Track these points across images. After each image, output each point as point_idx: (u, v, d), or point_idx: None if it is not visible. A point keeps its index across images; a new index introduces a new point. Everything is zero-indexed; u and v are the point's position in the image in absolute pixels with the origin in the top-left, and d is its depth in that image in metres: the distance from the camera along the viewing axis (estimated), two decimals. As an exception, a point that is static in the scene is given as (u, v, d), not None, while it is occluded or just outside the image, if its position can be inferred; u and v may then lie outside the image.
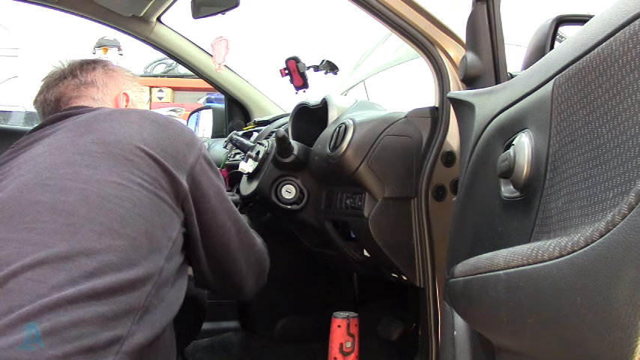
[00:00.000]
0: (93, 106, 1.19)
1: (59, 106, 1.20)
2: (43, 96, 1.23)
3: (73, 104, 1.19)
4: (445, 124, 1.38)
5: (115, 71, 1.29)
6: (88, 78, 1.23)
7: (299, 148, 1.66)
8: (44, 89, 1.24)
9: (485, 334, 0.90)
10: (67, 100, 1.20)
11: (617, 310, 0.51)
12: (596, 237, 0.54)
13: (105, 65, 1.28)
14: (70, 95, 1.20)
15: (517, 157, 0.78)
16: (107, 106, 1.22)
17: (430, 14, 1.35)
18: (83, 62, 1.26)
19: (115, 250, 0.85)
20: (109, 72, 1.28)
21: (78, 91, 1.21)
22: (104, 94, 1.24)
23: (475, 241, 0.96)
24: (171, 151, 1.01)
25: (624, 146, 0.56)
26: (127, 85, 1.30)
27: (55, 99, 1.20)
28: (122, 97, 1.27)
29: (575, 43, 0.68)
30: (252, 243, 1.25)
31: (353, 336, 1.56)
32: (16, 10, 5.60)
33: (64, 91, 1.21)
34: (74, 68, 1.24)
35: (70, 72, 1.23)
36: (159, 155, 0.98)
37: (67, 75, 1.23)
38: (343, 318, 1.56)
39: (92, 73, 1.24)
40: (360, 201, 1.44)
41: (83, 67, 1.24)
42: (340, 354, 1.56)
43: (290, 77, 1.93)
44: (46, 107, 1.22)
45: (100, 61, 1.29)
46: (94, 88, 1.22)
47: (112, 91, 1.25)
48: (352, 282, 2.19)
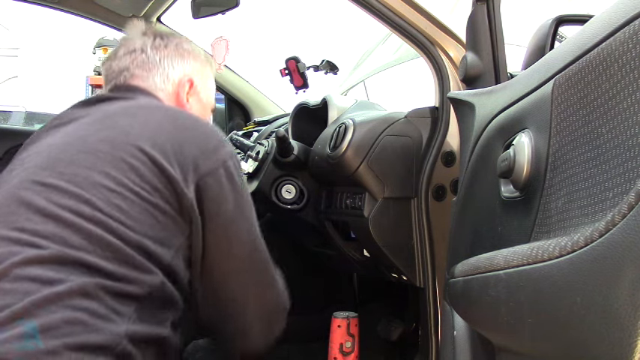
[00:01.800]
0: (150, 90, 1.12)
1: (121, 77, 1.13)
2: (110, 63, 1.16)
3: (131, 82, 1.13)
4: (445, 124, 1.38)
5: (188, 51, 1.19)
6: (156, 56, 1.14)
7: (299, 148, 1.66)
8: (112, 56, 1.17)
9: (485, 334, 0.90)
10: (129, 75, 1.13)
11: (617, 310, 0.51)
12: (596, 237, 0.54)
13: (178, 43, 1.18)
14: (132, 72, 1.13)
15: (517, 157, 0.78)
16: (167, 90, 1.14)
17: (430, 14, 1.35)
18: (157, 35, 1.17)
19: (104, 260, 0.82)
20: (181, 51, 1.18)
21: (141, 69, 1.13)
22: (167, 78, 1.15)
23: (475, 241, 0.96)
24: (183, 156, 0.94)
25: (624, 146, 0.56)
26: (196, 70, 1.19)
27: (119, 70, 1.14)
28: (185, 84, 1.16)
29: (575, 43, 0.68)
30: (270, 284, 1.11)
31: (353, 336, 1.56)
32: (16, 10, 5.61)
33: (129, 65, 1.13)
34: (145, 42, 1.15)
35: (141, 46, 1.15)
36: (164, 160, 0.91)
37: (136, 48, 1.15)
38: (343, 318, 1.56)
39: (162, 51, 1.15)
40: (360, 201, 1.44)
41: (155, 43, 1.16)
42: (340, 354, 1.56)
43: (290, 77, 1.93)
44: (110, 75, 1.15)
45: (174, 37, 1.19)
46: (159, 69, 1.14)
47: (176, 74, 1.16)
48: (352, 282, 2.19)
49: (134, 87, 1.11)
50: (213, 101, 1.25)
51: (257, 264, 1.06)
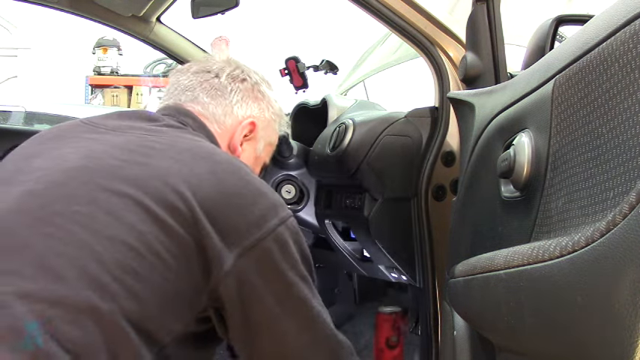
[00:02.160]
0: (205, 120, 0.99)
1: (182, 96, 1.01)
2: (178, 77, 1.05)
3: (189, 107, 1.00)
4: (445, 124, 1.38)
5: (263, 95, 1.08)
6: (228, 86, 1.03)
7: (299, 147, 1.66)
8: (184, 70, 1.06)
9: (486, 334, 0.90)
10: (192, 97, 1.01)
11: (618, 309, 0.51)
12: (597, 237, 0.54)
13: (258, 83, 1.07)
14: (196, 94, 1.01)
15: (517, 157, 0.78)
16: (224, 125, 1.01)
17: (430, 14, 1.35)
18: (239, 67, 1.06)
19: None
20: (256, 93, 1.06)
21: (206, 94, 1.01)
22: (230, 113, 1.02)
23: (475, 241, 0.96)
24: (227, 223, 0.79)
25: (624, 146, 0.56)
26: (263, 118, 1.07)
27: (184, 87, 1.02)
28: (247, 126, 1.04)
29: (576, 43, 0.68)
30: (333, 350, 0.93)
31: (398, 330, 1.61)
32: (16, 10, 5.61)
33: (196, 85, 1.02)
34: (223, 68, 1.05)
35: (217, 71, 1.04)
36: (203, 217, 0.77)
37: (211, 70, 1.04)
38: (390, 313, 1.60)
39: (237, 84, 1.04)
40: (360, 201, 1.44)
41: (233, 73, 1.04)
42: (386, 347, 1.61)
43: (290, 77, 1.93)
44: (173, 90, 1.03)
45: (256, 76, 1.08)
46: (226, 99, 1.02)
47: (241, 112, 1.03)
48: (352, 282, 2.19)
49: (189, 113, 0.98)
50: (267, 159, 1.14)
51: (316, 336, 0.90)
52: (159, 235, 0.74)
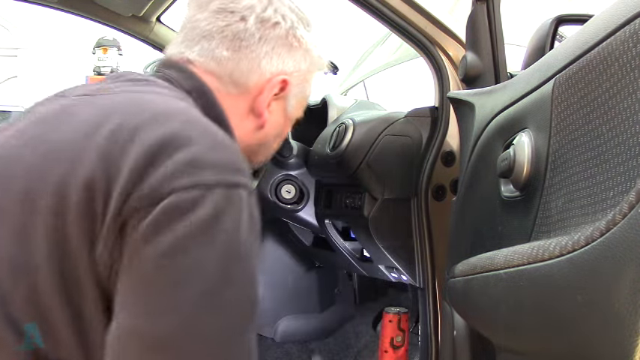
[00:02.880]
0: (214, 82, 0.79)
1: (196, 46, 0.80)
2: (195, 13, 0.82)
3: (197, 64, 0.80)
4: (445, 123, 1.38)
5: (300, 42, 0.85)
6: (257, 33, 0.80)
7: (298, 147, 1.66)
8: (202, 2, 0.82)
9: (486, 334, 0.90)
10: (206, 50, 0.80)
11: (617, 309, 0.51)
12: (597, 236, 0.54)
13: (293, 26, 0.84)
14: (212, 47, 0.79)
15: (517, 156, 0.78)
16: (244, 86, 0.81)
17: (430, 14, 1.35)
18: (269, 4, 0.82)
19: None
20: (291, 39, 0.84)
21: (227, 46, 0.80)
22: (256, 68, 0.81)
23: (475, 240, 0.96)
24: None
25: (624, 145, 0.56)
26: (299, 70, 0.85)
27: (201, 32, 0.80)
28: (277, 85, 0.83)
29: (575, 42, 0.68)
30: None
31: (403, 331, 1.61)
32: (16, 10, 5.61)
33: (214, 32, 0.79)
34: (254, 6, 0.81)
35: (244, 13, 0.80)
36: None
37: (235, 10, 0.80)
38: (395, 313, 1.61)
39: (269, 30, 0.81)
40: (360, 201, 1.44)
41: (264, 15, 0.81)
42: (391, 347, 1.60)
43: (290, 77, 1.92)
44: (189, 30, 0.81)
45: (290, 17, 0.84)
46: (252, 52, 0.80)
47: (271, 68, 0.82)
48: (352, 282, 2.19)
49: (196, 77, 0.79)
50: (300, 113, 0.92)
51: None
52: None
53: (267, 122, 0.85)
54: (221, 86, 0.80)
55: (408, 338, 1.63)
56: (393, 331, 1.60)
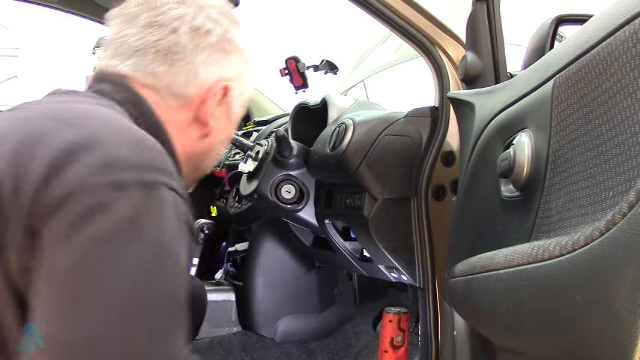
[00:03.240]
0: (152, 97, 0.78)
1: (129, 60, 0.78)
2: (124, 29, 0.79)
3: (134, 79, 0.78)
4: (445, 123, 1.38)
5: (234, 44, 0.83)
6: (189, 45, 0.78)
7: (299, 147, 1.66)
8: (130, 17, 0.79)
9: (486, 334, 0.90)
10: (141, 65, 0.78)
11: (617, 308, 0.51)
12: (597, 236, 0.54)
13: (226, 31, 0.82)
14: (146, 62, 0.78)
15: (517, 156, 0.78)
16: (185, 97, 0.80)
17: (430, 14, 1.35)
18: (202, 9, 0.81)
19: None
20: (225, 44, 0.82)
21: (161, 60, 0.78)
22: (193, 78, 0.80)
23: (475, 240, 0.96)
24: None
25: (624, 145, 0.56)
26: (238, 73, 0.84)
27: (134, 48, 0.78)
28: (218, 92, 0.82)
29: (575, 42, 0.68)
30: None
31: (403, 331, 1.61)
32: (16, 10, 5.61)
33: (147, 47, 0.77)
34: (183, 17, 0.79)
35: (174, 24, 0.78)
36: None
37: (164, 23, 0.78)
38: (395, 313, 1.61)
39: (202, 38, 0.80)
40: (360, 201, 1.44)
41: (195, 23, 0.79)
42: (391, 347, 1.60)
43: (290, 77, 1.93)
44: (117, 45, 0.79)
45: (221, 21, 0.82)
46: (187, 64, 0.79)
47: (210, 77, 0.81)
48: (352, 282, 2.19)
49: (130, 89, 0.77)
50: (242, 112, 0.90)
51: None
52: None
53: (213, 130, 0.84)
54: (160, 99, 0.79)
55: (408, 338, 1.63)
56: (393, 331, 1.60)
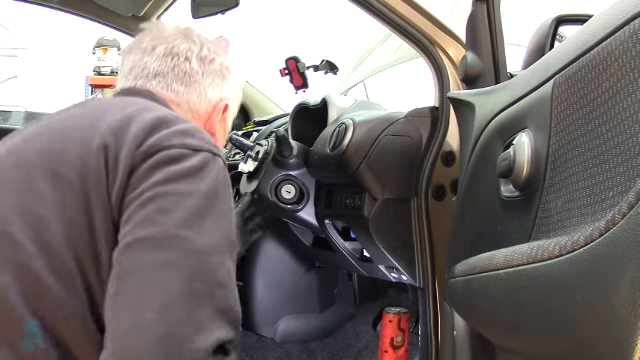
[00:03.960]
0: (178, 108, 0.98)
1: (153, 81, 0.97)
2: (142, 57, 0.99)
3: (161, 94, 0.97)
4: (445, 123, 1.38)
5: (230, 71, 1.05)
6: (200, 70, 1.00)
7: (299, 147, 1.66)
8: (147, 49, 0.99)
9: (486, 334, 0.90)
10: (164, 85, 0.98)
11: (617, 309, 0.51)
12: (596, 236, 0.54)
13: (224, 60, 1.04)
14: (169, 82, 0.98)
15: (517, 156, 0.78)
16: (199, 111, 1.01)
17: (430, 14, 1.35)
18: (204, 44, 1.02)
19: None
20: (224, 71, 1.04)
21: (180, 82, 0.98)
22: (204, 98, 1.01)
23: (475, 240, 0.96)
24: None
25: (624, 145, 0.56)
26: (233, 94, 1.07)
27: (154, 72, 0.97)
28: (221, 109, 1.04)
29: (575, 42, 0.68)
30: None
31: (403, 331, 1.61)
32: (16, 10, 5.61)
33: (168, 72, 0.98)
34: (191, 49, 1.00)
35: (186, 53, 0.99)
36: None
37: (180, 53, 0.99)
38: (395, 313, 1.61)
39: (208, 66, 1.01)
40: (360, 201, 1.44)
41: (202, 54, 1.00)
42: (391, 347, 1.61)
43: (290, 77, 1.93)
44: (138, 71, 0.99)
45: (221, 52, 1.04)
46: (199, 85, 1.00)
47: (215, 96, 1.02)
48: (352, 282, 2.19)
49: (161, 100, 0.96)
50: (230, 126, 1.13)
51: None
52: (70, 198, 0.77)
53: (219, 139, 1.05)
54: (182, 112, 0.98)
55: (408, 338, 1.63)
56: (393, 331, 1.60)
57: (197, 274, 0.71)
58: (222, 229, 0.76)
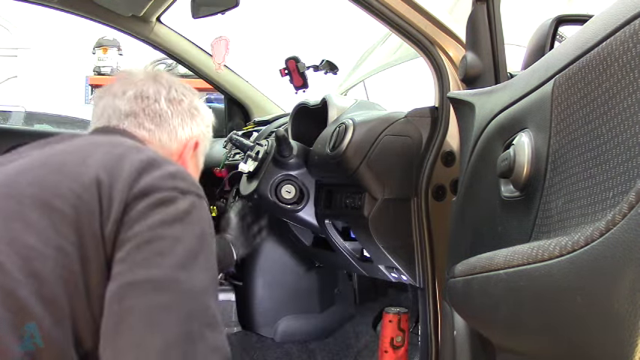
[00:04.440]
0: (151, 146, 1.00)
1: (125, 121, 1.01)
2: (113, 101, 1.02)
3: (134, 132, 1.00)
4: (445, 123, 1.38)
5: (198, 111, 1.09)
6: (169, 110, 1.03)
7: (299, 147, 1.66)
8: (117, 93, 1.03)
9: (486, 334, 0.90)
10: (136, 124, 1.01)
11: (617, 309, 0.51)
12: (597, 236, 0.54)
13: (192, 100, 1.08)
14: (141, 121, 1.01)
15: (517, 156, 0.78)
16: (170, 149, 1.04)
17: (430, 14, 1.35)
18: (172, 86, 1.06)
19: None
20: (193, 110, 1.08)
21: (151, 121, 1.02)
22: (175, 137, 1.04)
23: (475, 240, 0.96)
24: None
25: (624, 145, 0.56)
26: (202, 132, 1.10)
27: (125, 113, 1.01)
28: (191, 147, 1.07)
29: (575, 42, 0.68)
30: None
31: (403, 331, 1.61)
32: (16, 10, 5.61)
33: (139, 112, 1.01)
34: (160, 91, 1.04)
35: (155, 95, 1.03)
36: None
37: (150, 96, 1.03)
38: (395, 314, 1.62)
39: (177, 106, 1.05)
40: (360, 201, 1.44)
41: (170, 95, 1.05)
42: (391, 347, 1.61)
43: (290, 77, 1.93)
44: (110, 113, 1.02)
45: (189, 93, 1.09)
46: (169, 125, 1.03)
47: (185, 134, 1.05)
48: (352, 282, 2.19)
49: (137, 139, 0.99)
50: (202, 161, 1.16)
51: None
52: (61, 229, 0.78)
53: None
54: (155, 149, 1.01)
55: (408, 338, 1.63)
56: (393, 331, 1.60)
57: (192, 314, 0.75)
58: (211, 269, 0.81)
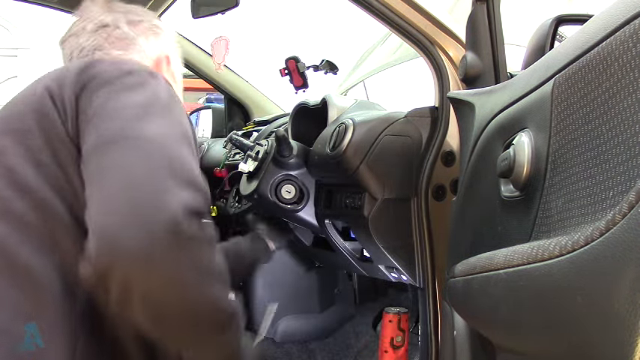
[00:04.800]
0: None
1: (94, 55, 1.03)
2: (76, 40, 1.04)
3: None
4: (445, 123, 1.38)
5: (161, 29, 1.12)
6: (131, 32, 1.05)
7: (299, 147, 1.66)
8: (77, 32, 1.05)
9: (486, 334, 0.90)
10: (102, 55, 1.03)
11: (617, 309, 0.51)
12: (597, 236, 0.54)
13: (151, 21, 1.11)
14: (108, 51, 1.03)
15: (517, 156, 0.78)
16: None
17: (430, 14, 1.35)
18: (128, 11, 1.09)
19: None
20: (155, 29, 1.10)
21: (118, 47, 1.03)
22: (145, 55, 1.07)
23: (475, 240, 0.96)
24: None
25: (624, 145, 0.56)
26: (171, 47, 1.14)
27: (91, 47, 1.03)
28: (163, 60, 1.10)
29: (575, 42, 0.68)
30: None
31: (403, 331, 1.61)
32: (16, 10, 5.61)
33: (103, 42, 1.03)
34: (118, 18, 1.06)
35: (114, 22, 1.05)
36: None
37: (109, 24, 1.04)
38: (395, 313, 1.61)
39: (138, 27, 1.07)
40: (360, 201, 1.44)
41: (129, 18, 1.06)
42: (391, 347, 1.61)
43: (290, 77, 1.93)
44: (77, 53, 1.04)
45: (147, 15, 1.12)
46: (136, 45, 1.06)
47: (154, 51, 1.08)
48: (352, 282, 2.19)
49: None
50: (181, 77, 1.21)
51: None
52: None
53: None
54: None
55: (408, 338, 1.63)
56: (393, 331, 1.61)
57: (155, 155, 0.76)
58: (171, 124, 0.82)
